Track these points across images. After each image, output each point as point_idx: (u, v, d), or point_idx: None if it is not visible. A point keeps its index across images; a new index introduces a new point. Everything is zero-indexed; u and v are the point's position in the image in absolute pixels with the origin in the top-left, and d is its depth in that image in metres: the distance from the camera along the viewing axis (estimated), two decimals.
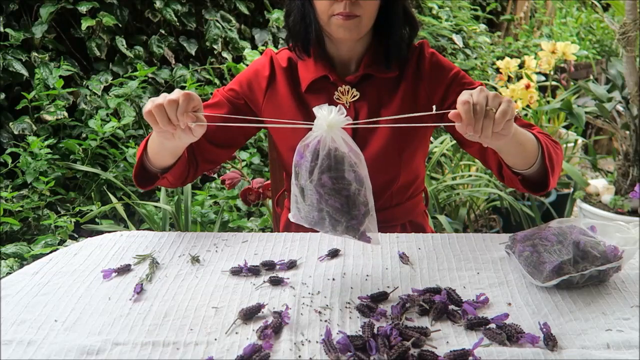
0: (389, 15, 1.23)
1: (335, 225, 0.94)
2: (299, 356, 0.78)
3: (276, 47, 3.44)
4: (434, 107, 1.00)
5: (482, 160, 1.27)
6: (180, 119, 0.98)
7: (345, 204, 0.92)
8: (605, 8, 3.75)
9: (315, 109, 0.92)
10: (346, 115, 0.91)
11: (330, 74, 1.25)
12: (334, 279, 1.00)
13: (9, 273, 1.67)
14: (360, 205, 0.93)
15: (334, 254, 1.09)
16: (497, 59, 3.60)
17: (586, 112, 2.70)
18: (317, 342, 0.81)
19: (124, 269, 1.04)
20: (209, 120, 1.09)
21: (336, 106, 0.91)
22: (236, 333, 0.84)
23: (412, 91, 1.27)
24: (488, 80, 3.79)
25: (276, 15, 3.28)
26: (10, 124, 2.30)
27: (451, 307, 0.89)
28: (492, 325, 0.84)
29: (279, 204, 1.51)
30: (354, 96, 1.26)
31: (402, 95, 1.26)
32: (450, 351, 0.77)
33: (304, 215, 0.96)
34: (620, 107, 2.65)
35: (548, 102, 3.20)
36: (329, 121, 0.89)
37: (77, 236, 2.05)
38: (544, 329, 0.81)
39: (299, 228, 1.37)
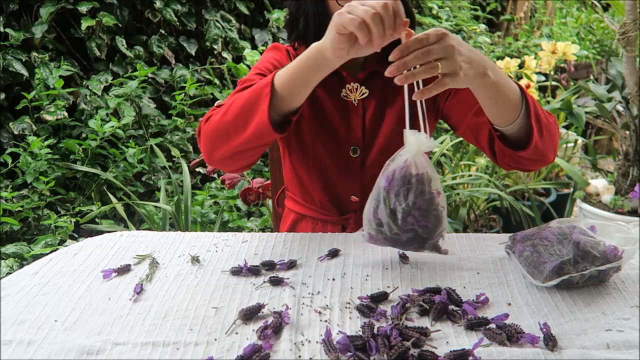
0: None
1: (423, 243, 0.99)
2: (299, 356, 0.78)
3: None
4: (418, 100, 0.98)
5: (474, 141, 1.24)
6: (397, 28, 0.90)
7: (435, 224, 0.97)
8: (605, 8, 3.75)
9: (406, 133, 0.94)
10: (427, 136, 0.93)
11: (341, 70, 1.23)
12: (334, 279, 1.00)
13: (9, 273, 1.67)
14: (443, 221, 0.98)
15: (334, 254, 1.09)
16: (497, 59, 3.60)
17: (586, 112, 2.70)
18: (317, 342, 0.81)
19: (124, 269, 1.04)
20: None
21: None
22: (236, 333, 0.84)
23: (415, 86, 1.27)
24: None
25: (276, 15, 3.28)
26: (10, 124, 2.30)
27: (451, 307, 0.89)
28: (492, 326, 0.84)
29: (279, 204, 1.51)
30: (363, 94, 1.26)
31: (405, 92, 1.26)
32: (450, 351, 0.77)
33: (391, 236, 0.99)
34: (620, 107, 2.65)
35: (548, 102, 3.20)
36: (420, 146, 0.93)
37: (77, 236, 2.05)
38: (544, 329, 0.81)
39: (300, 227, 1.38)
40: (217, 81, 3.05)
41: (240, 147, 1.07)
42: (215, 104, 1.15)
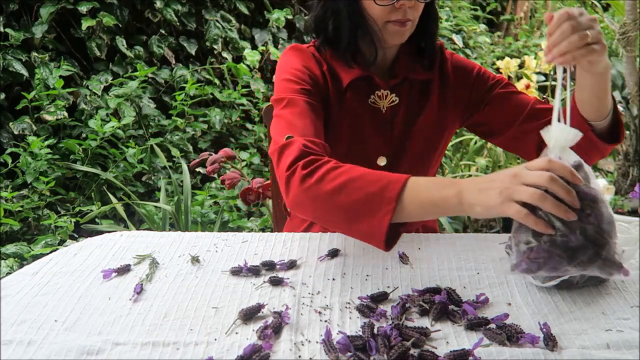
0: (428, 14, 1.18)
1: (598, 253, 0.79)
2: (299, 356, 0.78)
3: (276, 47, 3.44)
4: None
5: (515, 149, 1.23)
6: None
7: (608, 228, 0.80)
8: (605, 8, 3.75)
9: (543, 132, 0.85)
10: None
11: (374, 76, 1.19)
12: (334, 279, 1.00)
13: (9, 273, 1.67)
14: (615, 226, 0.81)
15: (334, 254, 1.09)
16: (497, 59, 3.60)
17: None
18: (317, 342, 0.81)
19: (124, 269, 1.03)
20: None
21: None
22: (236, 333, 0.84)
23: (441, 94, 1.24)
24: None
25: (276, 15, 3.28)
26: (10, 124, 2.30)
27: (451, 307, 0.89)
28: (492, 325, 0.84)
29: (287, 210, 1.45)
30: (392, 101, 1.21)
31: (433, 100, 1.23)
32: (450, 351, 0.77)
33: (560, 241, 0.79)
34: (620, 107, 2.65)
35: (548, 102, 3.19)
36: (566, 141, 0.82)
37: (77, 236, 2.05)
38: (544, 329, 0.81)
39: (300, 228, 1.37)
40: (217, 81, 3.05)
41: (343, 232, 1.00)
42: (286, 139, 1.02)
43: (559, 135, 0.84)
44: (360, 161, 1.08)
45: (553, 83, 3.23)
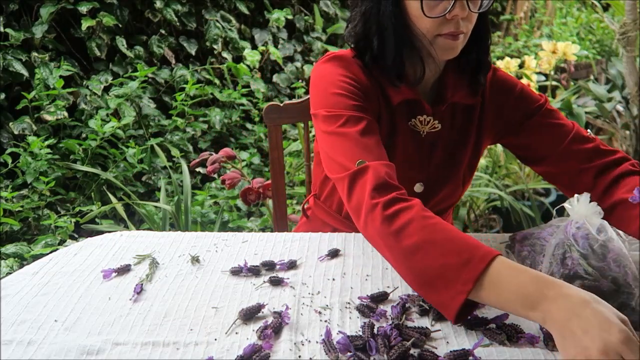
0: (481, 25, 1.07)
1: (628, 300, 0.83)
2: (299, 356, 0.78)
3: (276, 47, 3.44)
4: None
5: (568, 185, 1.14)
6: None
7: (634, 276, 0.85)
8: (605, 8, 3.75)
9: (567, 205, 0.88)
10: None
11: (422, 100, 1.10)
12: (334, 279, 1.00)
13: (9, 273, 1.67)
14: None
15: (334, 254, 1.09)
16: (497, 59, 3.60)
17: (586, 112, 2.70)
18: (317, 342, 0.81)
19: (124, 269, 1.04)
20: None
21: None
22: (236, 333, 0.84)
23: (480, 116, 1.16)
24: None
25: (276, 15, 3.29)
26: (10, 124, 2.30)
27: None
28: (492, 325, 0.84)
29: (303, 212, 1.37)
30: (434, 127, 1.12)
31: (475, 125, 1.16)
32: (450, 351, 0.77)
33: (589, 284, 0.85)
34: (620, 107, 2.65)
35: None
36: (587, 214, 0.88)
37: (77, 236, 2.05)
38: (544, 329, 0.81)
39: (304, 229, 1.37)
40: (217, 81, 3.05)
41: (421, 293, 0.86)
42: (358, 165, 0.95)
43: (580, 210, 0.89)
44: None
45: (553, 83, 3.24)
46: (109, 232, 1.23)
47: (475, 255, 0.80)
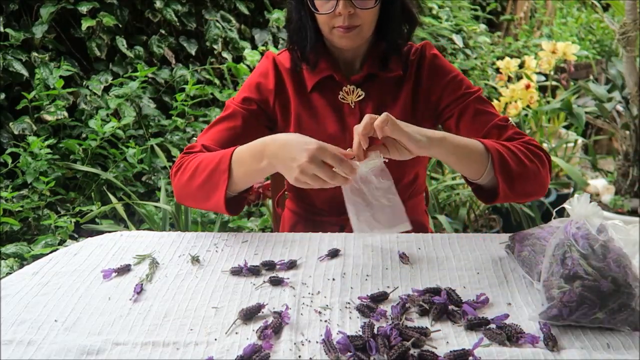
0: (387, 15, 1.23)
1: (629, 300, 0.83)
2: (299, 356, 0.78)
3: (276, 47, 3.44)
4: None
5: None
6: (345, 171, 0.99)
7: (634, 277, 0.85)
8: (605, 8, 3.75)
9: (566, 205, 0.92)
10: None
11: (335, 74, 1.26)
12: (334, 279, 1.00)
13: (9, 273, 1.67)
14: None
15: (334, 254, 1.09)
16: (497, 59, 3.60)
17: (586, 112, 2.70)
18: (317, 342, 0.81)
19: (124, 269, 1.04)
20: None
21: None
22: (236, 333, 0.84)
23: (413, 92, 1.28)
24: (488, 81, 3.79)
25: (276, 15, 3.28)
26: (10, 124, 2.30)
27: (451, 307, 0.89)
28: (492, 326, 0.84)
29: (280, 204, 1.50)
30: (359, 96, 1.27)
31: (404, 96, 1.28)
32: (450, 351, 0.77)
33: (590, 284, 0.84)
34: (620, 107, 2.65)
35: (548, 102, 3.20)
36: (586, 213, 0.90)
37: (77, 236, 2.05)
38: (544, 329, 0.81)
39: (299, 228, 1.38)
40: (217, 81, 3.05)
41: (206, 210, 1.17)
42: (187, 147, 1.22)
43: (580, 210, 0.91)
44: None
45: (553, 83, 3.24)
46: (109, 232, 1.23)
47: (224, 156, 1.11)
